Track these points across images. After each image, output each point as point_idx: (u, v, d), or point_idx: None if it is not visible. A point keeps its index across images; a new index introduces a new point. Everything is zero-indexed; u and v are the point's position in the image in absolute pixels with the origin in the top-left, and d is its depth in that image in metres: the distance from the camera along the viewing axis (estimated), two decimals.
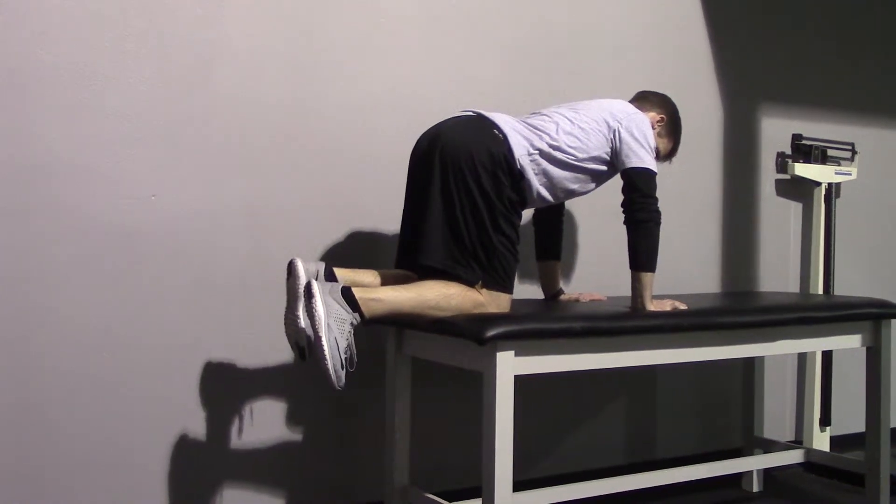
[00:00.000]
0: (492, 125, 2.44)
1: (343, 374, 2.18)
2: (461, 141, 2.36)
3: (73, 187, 2.42)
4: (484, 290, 2.37)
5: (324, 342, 2.14)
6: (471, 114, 2.51)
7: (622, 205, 2.52)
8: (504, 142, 2.40)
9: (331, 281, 2.32)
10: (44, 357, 2.39)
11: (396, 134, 2.88)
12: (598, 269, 3.29)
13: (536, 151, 2.43)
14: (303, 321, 2.24)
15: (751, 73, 3.74)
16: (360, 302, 2.23)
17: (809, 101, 3.92)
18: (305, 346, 2.26)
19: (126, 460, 2.49)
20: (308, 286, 2.19)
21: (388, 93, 2.89)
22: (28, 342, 2.37)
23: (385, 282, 2.45)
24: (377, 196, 2.85)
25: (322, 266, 2.36)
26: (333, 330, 2.16)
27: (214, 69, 2.61)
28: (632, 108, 2.63)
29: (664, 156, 2.75)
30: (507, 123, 2.45)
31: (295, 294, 2.27)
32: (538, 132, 2.47)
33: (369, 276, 2.47)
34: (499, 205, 2.34)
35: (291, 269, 2.31)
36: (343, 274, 2.40)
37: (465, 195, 2.32)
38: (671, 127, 2.77)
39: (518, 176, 2.41)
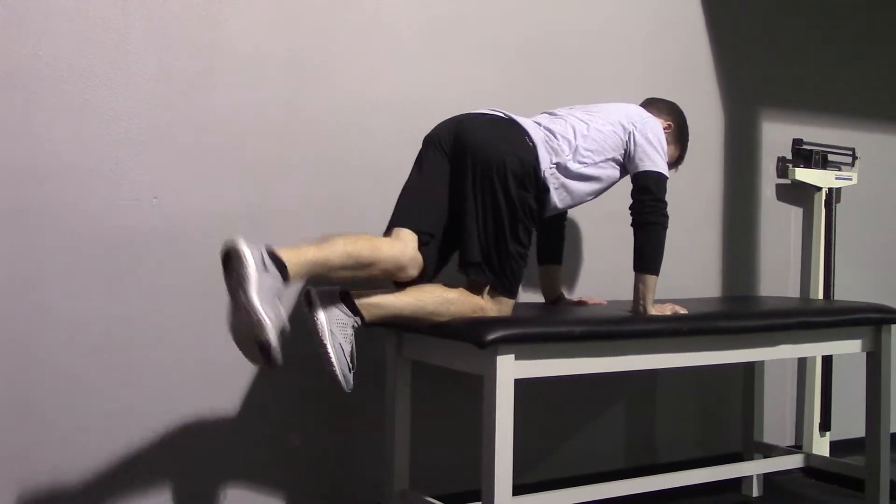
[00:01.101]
0: (523, 132, 2.44)
1: (351, 376, 2.21)
2: (495, 144, 2.36)
3: (74, 189, 2.42)
4: (488, 295, 2.38)
5: (329, 349, 2.16)
6: (502, 115, 2.50)
7: (631, 207, 2.52)
8: (533, 151, 2.41)
9: (274, 262, 2.03)
10: (43, 358, 2.39)
11: (398, 137, 2.88)
12: (598, 273, 3.29)
13: (554, 166, 2.44)
14: (260, 310, 1.94)
15: (752, 78, 3.74)
16: (359, 306, 2.25)
17: (810, 106, 3.93)
18: (268, 341, 1.95)
19: (126, 461, 2.49)
20: (307, 294, 2.19)
21: (389, 96, 2.89)
22: (27, 343, 2.37)
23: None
24: (378, 200, 2.85)
25: (263, 249, 2.03)
26: (337, 336, 2.17)
27: (216, 72, 2.61)
28: (646, 113, 2.65)
29: (670, 163, 2.75)
30: (536, 134, 2.45)
31: (242, 279, 1.94)
32: (558, 142, 2.47)
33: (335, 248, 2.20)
34: (520, 213, 2.35)
35: (231, 255, 1.99)
36: (288, 255, 2.06)
37: (491, 199, 2.32)
38: (678, 134, 2.78)
39: (543, 188, 2.42)
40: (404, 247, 2.32)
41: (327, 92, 2.78)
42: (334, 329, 2.18)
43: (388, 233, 2.40)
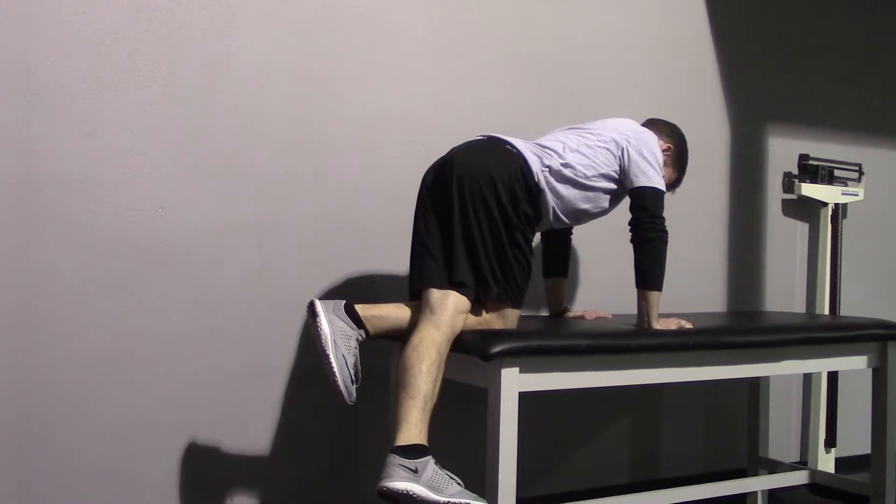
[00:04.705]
0: (504, 142, 2.44)
1: (353, 389, 2.19)
2: (477, 159, 2.36)
3: (80, 199, 2.43)
4: (492, 308, 2.38)
5: (332, 360, 2.15)
6: (482, 137, 2.51)
7: (629, 223, 2.51)
8: (519, 156, 2.40)
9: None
10: (48, 367, 2.39)
11: (404, 149, 2.89)
12: (603, 286, 3.29)
13: (546, 169, 2.44)
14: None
15: (758, 93, 3.75)
16: (363, 319, 2.25)
17: (816, 122, 3.93)
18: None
19: (129, 471, 2.49)
20: (312, 305, 2.20)
21: (395, 109, 2.90)
22: (32, 352, 2.38)
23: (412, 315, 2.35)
24: (384, 211, 2.85)
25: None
26: (340, 347, 2.17)
27: (223, 83, 2.63)
28: (640, 127, 2.63)
29: (668, 186, 2.70)
30: (518, 143, 2.46)
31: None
32: (547, 150, 2.48)
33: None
34: (514, 218, 2.34)
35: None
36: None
37: (484, 211, 2.31)
38: (677, 158, 2.76)
39: (535, 191, 2.41)
40: (453, 318, 2.27)
41: (334, 104, 2.79)
42: (338, 340, 2.18)
43: (414, 296, 2.36)
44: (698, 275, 3.57)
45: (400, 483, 1.97)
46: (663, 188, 2.53)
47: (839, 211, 3.83)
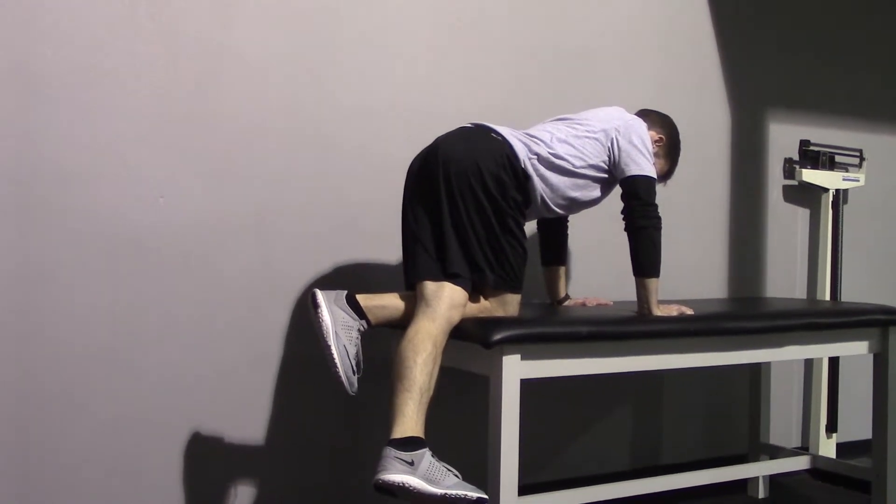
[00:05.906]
0: (489, 130, 2.44)
1: (355, 379, 2.20)
2: (463, 148, 2.36)
3: (80, 188, 2.43)
4: (492, 295, 2.38)
5: (333, 351, 2.16)
6: (469, 125, 2.50)
7: (622, 212, 2.52)
8: (505, 143, 2.40)
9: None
10: (48, 357, 2.40)
11: (404, 139, 2.88)
12: (603, 273, 3.29)
13: (535, 157, 2.44)
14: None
15: (759, 80, 3.74)
16: (365, 309, 2.25)
17: (817, 108, 3.92)
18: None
19: (131, 465, 2.50)
20: (313, 296, 2.20)
21: (396, 99, 2.89)
22: (33, 342, 2.38)
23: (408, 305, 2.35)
24: (385, 201, 2.85)
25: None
26: (341, 338, 2.17)
27: (222, 73, 2.62)
28: (629, 115, 2.62)
29: (659, 177, 2.67)
30: (504, 129, 2.46)
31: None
32: (534, 139, 2.48)
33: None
34: (504, 205, 2.34)
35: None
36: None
37: (472, 200, 2.31)
38: (669, 149, 2.74)
39: (522, 177, 2.41)
40: (449, 310, 2.26)
41: (333, 94, 2.79)
42: (339, 331, 2.18)
43: (411, 289, 2.35)
44: (699, 261, 3.57)
45: (396, 476, 1.98)
46: (654, 175, 2.53)
47: (840, 197, 3.83)
